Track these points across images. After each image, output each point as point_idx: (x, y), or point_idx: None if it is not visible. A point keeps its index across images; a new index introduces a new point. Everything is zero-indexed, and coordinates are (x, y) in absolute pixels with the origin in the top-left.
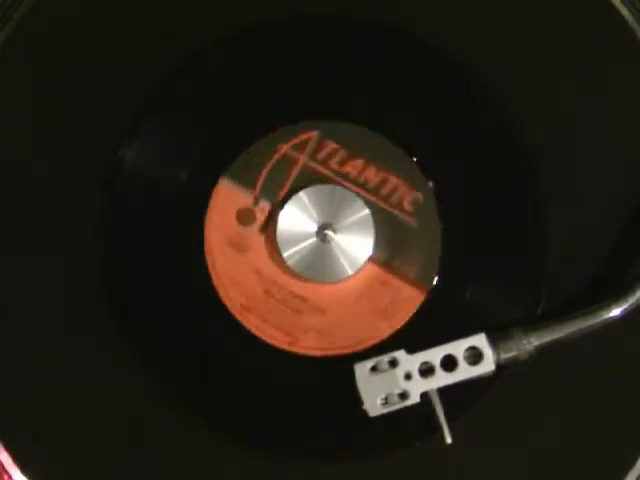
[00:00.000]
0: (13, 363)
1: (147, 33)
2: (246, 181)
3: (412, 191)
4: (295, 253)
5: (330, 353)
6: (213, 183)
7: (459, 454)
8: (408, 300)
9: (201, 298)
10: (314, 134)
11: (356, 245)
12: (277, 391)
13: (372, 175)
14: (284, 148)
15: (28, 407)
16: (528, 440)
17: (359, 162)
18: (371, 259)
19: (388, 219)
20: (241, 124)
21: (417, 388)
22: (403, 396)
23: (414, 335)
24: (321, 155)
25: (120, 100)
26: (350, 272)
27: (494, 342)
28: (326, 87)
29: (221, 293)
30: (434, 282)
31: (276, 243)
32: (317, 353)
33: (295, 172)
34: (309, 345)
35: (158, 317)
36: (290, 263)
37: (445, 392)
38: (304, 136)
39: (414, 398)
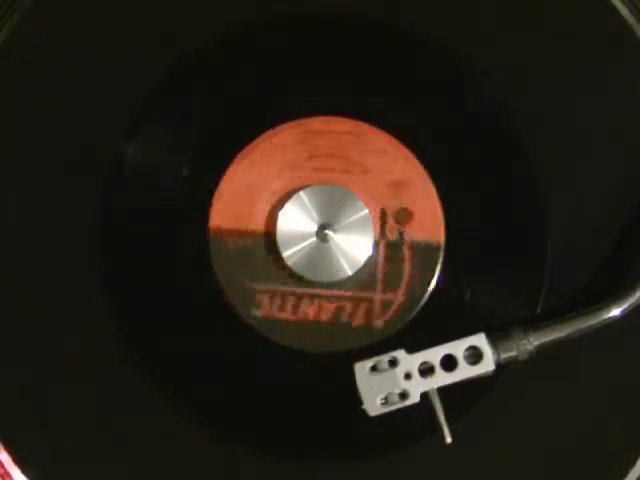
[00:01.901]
0: (13, 363)
1: (147, 33)
2: None
3: None
4: (295, 253)
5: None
6: (213, 183)
7: (459, 454)
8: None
9: (202, 298)
10: None
11: (356, 245)
12: (277, 391)
13: None
14: None
15: (28, 407)
16: (528, 440)
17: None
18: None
19: None
20: (241, 124)
21: (417, 388)
22: (403, 396)
23: (414, 335)
24: None
25: (120, 100)
26: (350, 272)
27: (494, 342)
28: (326, 87)
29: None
30: (434, 282)
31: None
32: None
33: None
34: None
35: (158, 317)
36: (290, 263)
37: (445, 392)
38: None
39: (414, 398)
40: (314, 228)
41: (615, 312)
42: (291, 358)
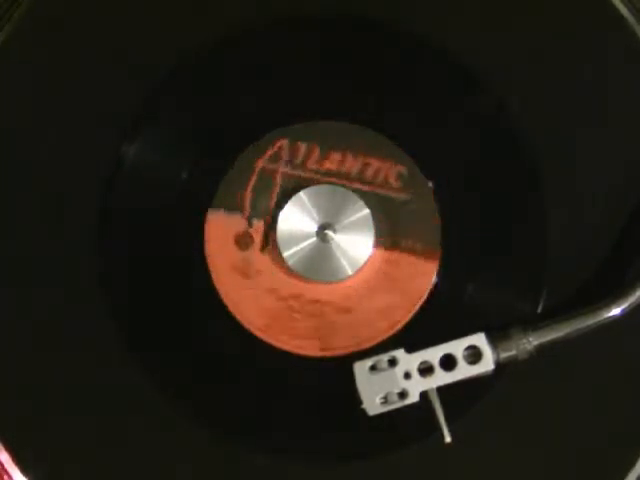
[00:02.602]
0: (13, 363)
1: (147, 33)
2: (233, 206)
3: (394, 166)
4: (295, 253)
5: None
6: (213, 183)
7: (459, 454)
8: (423, 272)
9: (201, 298)
10: (284, 141)
11: (356, 245)
12: (277, 391)
13: (351, 163)
14: (260, 163)
15: (28, 407)
16: (528, 440)
17: (336, 155)
18: (376, 245)
19: (379, 201)
20: (241, 124)
21: (416, 387)
22: (402, 395)
23: (414, 334)
24: (298, 159)
25: (120, 100)
26: (350, 272)
27: (493, 341)
28: (326, 87)
29: (241, 319)
30: (434, 281)
31: (280, 256)
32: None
33: (278, 183)
34: (341, 345)
35: (158, 317)
36: (290, 263)
37: (445, 392)
38: (276, 146)
39: (413, 397)
40: (314, 228)
41: (615, 312)
42: (291, 358)
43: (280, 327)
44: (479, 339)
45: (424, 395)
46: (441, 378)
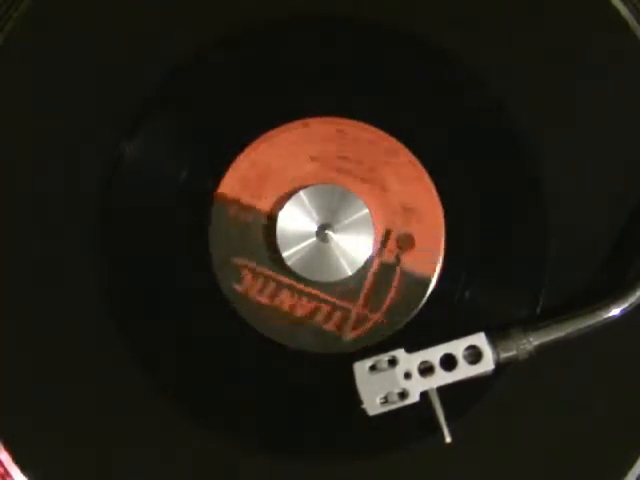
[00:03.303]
0: (13, 363)
1: (147, 33)
2: None
3: None
4: (295, 253)
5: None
6: (213, 183)
7: (459, 454)
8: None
9: (201, 298)
10: None
11: (356, 245)
12: (277, 391)
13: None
14: None
15: (28, 407)
16: (528, 440)
17: None
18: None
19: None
20: (241, 124)
21: (416, 387)
22: (402, 395)
23: (414, 334)
24: None
25: (120, 99)
26: (350, 272)
27: (493, 341)
28: (326, 87)
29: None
30: (434, 281)
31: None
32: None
33: None
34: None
35: (158, 317)
36: (290, 263)
37: (445, 392)
38: None
39: (413, 397)
40: (314, 228)
41: (615, 312)
42: (291, 358)
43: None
44: (479, 339)
45: (424, 395)
46: (441, 378)
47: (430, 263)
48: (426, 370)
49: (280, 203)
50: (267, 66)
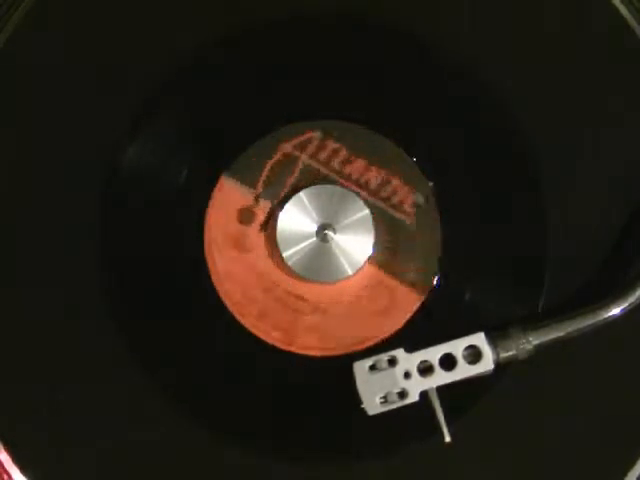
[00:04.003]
0: (13, 363)
1: (147, 33)
2: (247, 180)
3: (413, 193)
4: (295, 253)
5: (329, 353)
6: (213, 183)
7: (459, 454)
8: (405, 302)
9: (201, 298)
10: (316, 134)
11: (356, 245)
12: (277, 391)
13: (373, 176)
14: (285, 147)
15: (28, 407)
16: (528, 440)
17: (361, 163)
18: (370, 260)
19: (388, 220)
20: (241, 124)
21: (416, 387)
22: (402, 395)
23: (414, 334)
24: (323, 155)
25: (120, 100)
26: (350, 272)
27: (493, 341)
28: (326, 87)
29: (219, 290)
30: (434, 282)
31: (276, 243)
32: (316, 353)
33: (296, 171)
34: (308, 345)
35: (158, 317)
36: (290, 263)
37: (445, 391)
38: (306, 136)
39: (413, 397)
40: (314, 228)
41: (615, 312)
42: (291, 358)
43: (253, 308)
44: (479, 339)
45: (424, 395)
46: (441, 378)
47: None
48: (426, 370)
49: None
50: (267, 66)
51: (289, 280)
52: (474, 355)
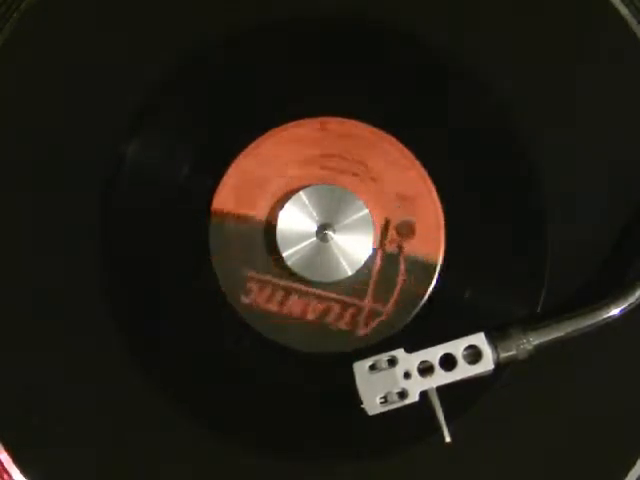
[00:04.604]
0: (13, 363)
1: (147, 33)
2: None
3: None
4: (295, 253)
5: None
6: (213, 183)
7: (459, 454)
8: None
9: (202, 297)
10: None
11: (356, 245)
12: (277, 391)
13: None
14: None
15: (28, 407)
16: (528, 440)
17: None
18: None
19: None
20: (241, 124)
21: (416, 387)
22: (402, 395)
23: (413, 334)
24: None
25: (120, 100)
26: (350, 272)
27: (493, 341)
28: (326, 87)
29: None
30: (434, 282)
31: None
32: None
33: None
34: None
35: (158, 317)
36: (290, 263)
37: (445, 392)
38: None
39: (413, 397)
40: (314, 228)
41: (614, 312)
42: (292, 358)
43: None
44: (479, 339)
45: (424, 395)
46: (441, 378)
47: (434, 245)
48: (426, 370)
49: (274, 210)
50: (267, 66)
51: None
52: (474, 355)
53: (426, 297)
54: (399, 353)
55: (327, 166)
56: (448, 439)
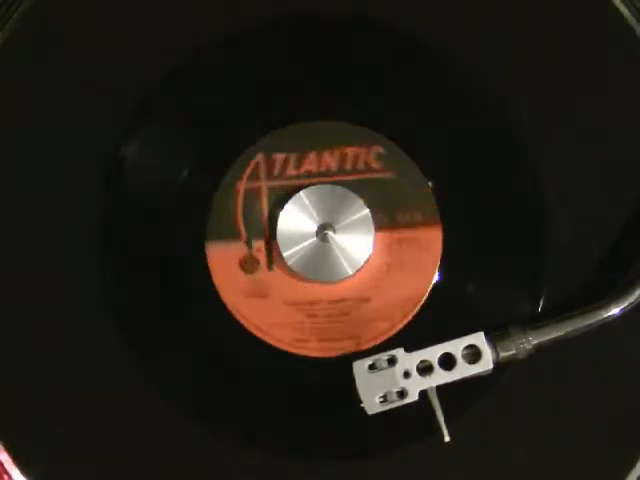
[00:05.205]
0: (13, 363)
1: (147, 33)
2: (229, 234)
3: (370, 148)
4: (295, 253)
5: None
6: (213, 182)
7: (459, 454)
8: (432, 239)
9: (201, 298)
10: (259, 157)
11: (356, 245)
12: (277, 391)
13: (328, 159)
14: (240, 185)
15: (28, 407)
16: (528, 440)
17: (312, 156)
18: (377, 229)
19: (367, 186)
20: (241, 124)
21: (416, 386)
22: (402, 394)
23: (413, 333)
24: (275, 171)
25: (120, 100)
26: (350, 272)
27: (493, 341)
28: (326, 87)
29: (270, 341)
30: (434, 281)
31: (291, 270)
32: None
33: (264, 199)
34: (375, 335)
35: (158, 317)
36: (290, 263)
37: (444, 391)
38: (251, 165)
39: (413, 396)
40: (314, 228)
41: (614, 311)
42: (291, 358)
43: (313, 337)
44: (478, 338)
45: (423, 394)
46: (440, 377)
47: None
48: (425, 369)
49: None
50: (267, 66)
51: (323, 291)
52: (474, 355)
53: (426, 297)
54: (399, 352)
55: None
56: (447, 439)
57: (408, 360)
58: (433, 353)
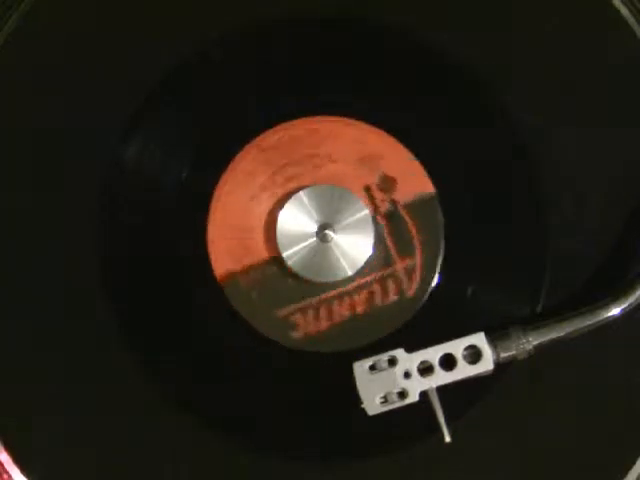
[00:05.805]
0: (13, 363)
1: (147, 33)
2: None
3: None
4: (295, 253)
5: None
6: (213, 182)
7: (459, 454)
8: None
9: (201, 298)
10: None
11: (356, 245)
12: (277, 391)
13: None
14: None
15: (28, 407)
16: (528, 440)
17: None
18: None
19: None
20: (241, 124)
21: (416, 387)
22: (402, 395)
23: (413, 334)
24: None
25: (120, 100)
26: (350, 272)
27: (493, 341)
28: (326, 87)
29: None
30: (434, 282)
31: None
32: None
33: None
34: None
35: (158, 317)
36: (290, 263)
37: (445, 392)
38: None
39: (413, 397)
40: (314, 228)
41: (615, 312)
42: (291, 357)
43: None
44: (479, 339)
45: (424, 395)
46: (441, 378)
47: (419, 181)
48: (426, 370)
49: (272, 241)
50: (267, 66)
51: None
52: (474, 355)
53: (426, 297)
54: (399, 353)
55: (287, 177)
56: (448, 439)
57: (408, 361)
58: (433, 353)
